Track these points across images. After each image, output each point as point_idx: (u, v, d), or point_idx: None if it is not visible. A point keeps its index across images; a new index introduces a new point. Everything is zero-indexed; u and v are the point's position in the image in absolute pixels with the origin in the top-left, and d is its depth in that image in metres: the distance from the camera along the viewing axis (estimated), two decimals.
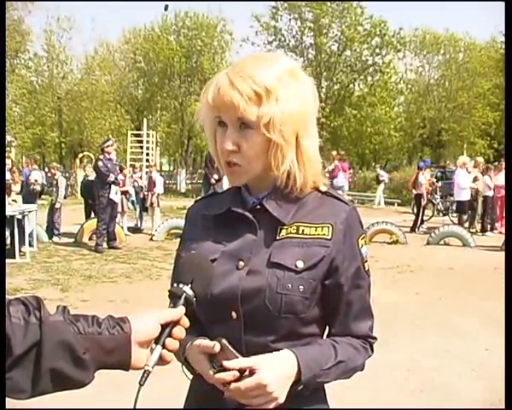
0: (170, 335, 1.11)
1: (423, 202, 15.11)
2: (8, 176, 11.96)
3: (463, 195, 14.67)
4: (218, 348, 1.20)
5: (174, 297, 1.16)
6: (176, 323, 1.13)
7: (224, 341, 1.20)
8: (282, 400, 1.20)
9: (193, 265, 1.22)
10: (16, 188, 12.08)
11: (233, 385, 1.18)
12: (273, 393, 1.18)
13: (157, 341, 1.10)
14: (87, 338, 1.01)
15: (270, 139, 1.27)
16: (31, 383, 0.97)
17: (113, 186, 11.11)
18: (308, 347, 1.30)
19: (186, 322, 1.15)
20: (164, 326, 1.11)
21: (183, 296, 1.16)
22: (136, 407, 1.08)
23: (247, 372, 1.18)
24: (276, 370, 1.20)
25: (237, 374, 1.17)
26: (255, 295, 1.27)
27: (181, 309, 1.14)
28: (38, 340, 0.96)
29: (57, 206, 12.70)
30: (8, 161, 12.45)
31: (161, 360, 1.10)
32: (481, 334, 5.88)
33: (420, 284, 8.38)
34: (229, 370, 1.18)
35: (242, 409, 1.26)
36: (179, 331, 1.13)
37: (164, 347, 1.10)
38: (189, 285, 1.17)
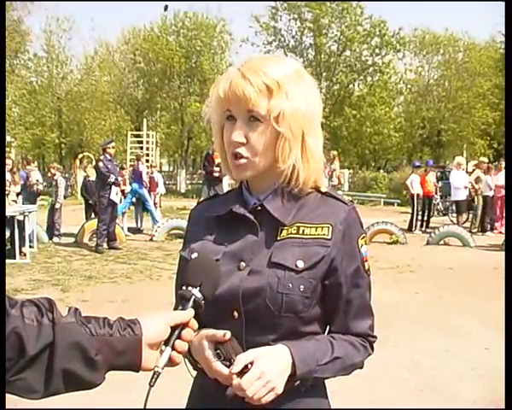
0: (179, 337, 1.14)
1: (415, 202, 15.12)
2: (8, 177, 11.97)
3: (459, 194, 14.88)
4: (229, 335, 1.22)
5: (183, 300, 1.18)
6: (185, 325, 1.15)
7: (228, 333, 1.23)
8: (279, 390, 1.22)
9: (201, 268, 1.24)
10: (16, 189, 12.09)
11: (235, 381, 1.19)
12: (271, 382, 1.20)
13: (167, 343, 1.12)
14: (99, 340, 1.03)
15: (278, 133, 1.31)
16: (43, 384, 0.99)
17: (113, 187, 11.11)
18: (304, 342, 1.31)
19: (195, 324, 1.17)
20: (173, 328, 1.13)
21: (192, 299, 1.18)
22: (143, 407, 1.10)
23: (249, 366, 1.21)
24: (271, 360, 1.22)
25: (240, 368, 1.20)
26: (256, 295, 1.29)
27: (190, 312, 1.16)
28: (51, 341, 0.98)
29: (57, 206, 12.70)
30: (8, 162, 12.44)
31: (171, 362, 1.12)
32: (481, 334, 5.89)
33: (420, 284, 8.39)
34: (234, 356, 1.21)
35: (245, 408, 1.27)
36: (188, 333, 1.15)
37: (173, 348, 1.12)
38: (198, 288, 1.19)
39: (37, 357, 0.97)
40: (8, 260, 9.42)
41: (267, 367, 1.21)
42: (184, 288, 1.20)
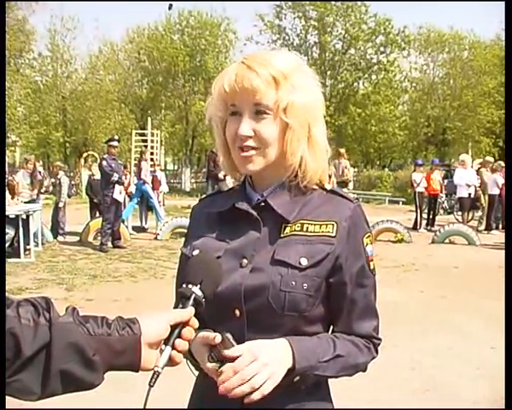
0: (179, 336, 1.11)
1: (418, 201, 15.10)
2: (28, 180, 12.15)
3: (462, 192, 14.92)
4: (218, 339, 1.19)
5: (183, 298, 1.16)
6: (185, 324, 1.13)
7: (228, 334, 1.19)
8: (278, 377, 1.18)
9: (202, 265, 1.21)
10: (33, 193, 12.23)
11: (227, 365, 1.16)
12: (268, 366, 1.16)
13: (166, 342, 1.10)
14: (97, 339, 1.01)
15: (286, 126, 1.29)
16: (40, 385, 0.97)
17: (116, 186, 11.11)
18: (305, 338, 1.28)
19: (195, 323, 1.15)
20: (173, 327, 1.11)
21: (193, 297, 1.15)
22: (143, 408, 1.09)
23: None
24: (269, 348, 1.20)
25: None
26: (258, 293, 1.27)
27: (190, 310, 1.14)
28: (48, 341, 0.96)
29: (60, 205, 12.73)
30: (30, 166, 12.58)
31: (171, 361, 1.10)
32: (486, 333, 5.87)
33: (424, 283, 8.37)
34: (226, 360, 1.17)
35: (247, 408, 1.26)
36: (188, 332, 1.13)
37: (173, 348, 1.10)
38: (198, 286, 1.17)
39: (34, 358, 0.96)
40: (12, 259, 9.46)
41: (264, 353, 1.18)
42: (184, 286, 1.17)
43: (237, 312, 1.29)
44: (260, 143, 1.30)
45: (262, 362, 1.17)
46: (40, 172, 13.09)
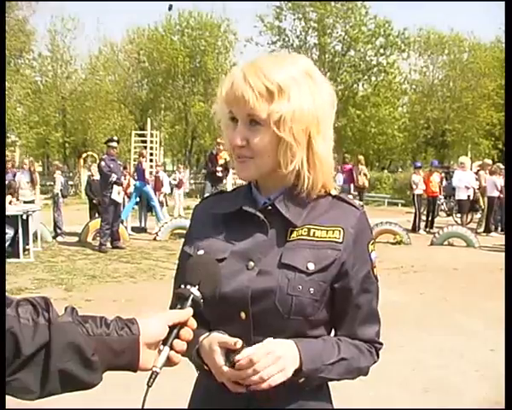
0: (177, 336, 1.12)
1: (417, 202, 15.14)
2: (28, 178, 12.20)
3: (460, 194, 14.96)
4: (239, 344, 1.19)
5: (181, 299, 1.16)
6: (183, 324, 1.13)
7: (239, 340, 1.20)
8: (289, 373, 1.20)
9: (200, 266, 1.21)
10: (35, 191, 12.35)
11: (244, 358, 1.17)
12: (282, 359, 1.18)
13: (165, 342, 1.10)
14: (95, 339, 1.01)
15: (280, 137, 1.27)
16: (39, 384, 0.97)
17: (115, 186, 11.09)
18: (311, 340, 1.29)
19: (193, 323, 1.15)
20: (172, 328, 1.11)
21: (191, 298, 1.15)
22: (141, 408, 1.09)
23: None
24: (281, 344, 1.21)
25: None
26: (265, 296, 1.27)
27: (188, 311, 1.14)
28: (47, 341, 0.96)
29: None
30: (26, 161, 12.65)
31: (169, 362, 1.10)
32: (485, 334, 5.87)
33: (424, 284, 8.37)
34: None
35: (250, 409, 1.27)
36: (187, 333, 1.13)
37: (172, 348, 1.11)
38: (197, 287, 1.17)
39: (33, 357, 0.96)
40: (12, 260, 9.45)
41: (278, 347, 1.20)
42: (183, 286, 1.17)
43: (243, 314, 1.28)
44: (253, 152, 1.29)
45: (277, 355, 1.18)
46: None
